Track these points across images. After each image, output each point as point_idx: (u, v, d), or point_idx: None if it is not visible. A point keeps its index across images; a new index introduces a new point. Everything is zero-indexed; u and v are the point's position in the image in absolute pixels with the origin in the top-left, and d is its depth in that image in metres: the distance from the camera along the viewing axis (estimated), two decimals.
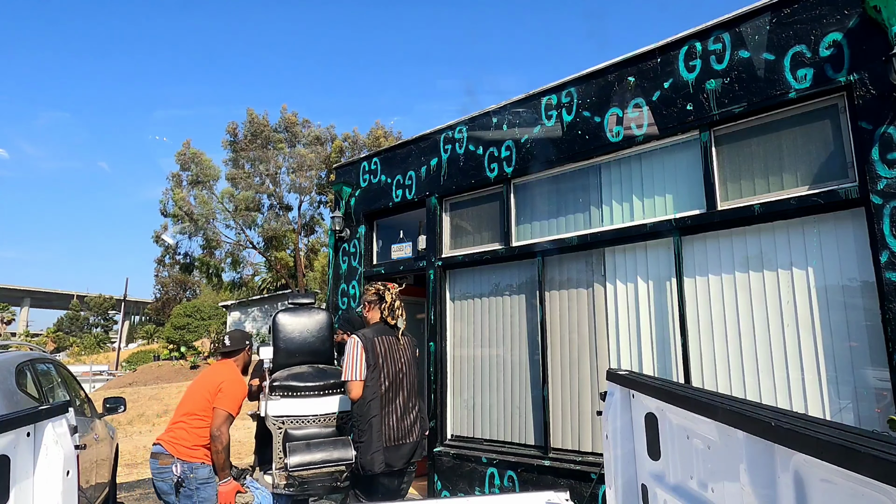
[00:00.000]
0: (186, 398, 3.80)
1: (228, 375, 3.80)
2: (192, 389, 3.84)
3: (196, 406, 3.68)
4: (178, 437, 3.60)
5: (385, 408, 3.59)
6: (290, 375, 4.01)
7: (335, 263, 7.75)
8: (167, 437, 3.65)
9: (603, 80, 5.26)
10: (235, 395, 3.73)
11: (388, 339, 3.75)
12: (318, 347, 4.37)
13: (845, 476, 1.17)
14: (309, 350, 4.33)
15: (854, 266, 3.91)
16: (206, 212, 27.35)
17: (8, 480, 1.94)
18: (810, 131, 4.20)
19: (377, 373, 3.59)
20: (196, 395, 3.73)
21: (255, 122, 28.37)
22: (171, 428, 3.69)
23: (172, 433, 3.64)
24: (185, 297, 45.84)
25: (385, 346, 3.70)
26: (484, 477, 5.60)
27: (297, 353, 4.27)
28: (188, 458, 3.54)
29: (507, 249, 5.87)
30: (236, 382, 3.80)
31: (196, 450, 3.58)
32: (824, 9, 4.03)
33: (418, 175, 6.77)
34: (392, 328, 3.82)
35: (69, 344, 48.84)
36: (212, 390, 3.69)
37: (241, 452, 10.18)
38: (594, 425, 5.08)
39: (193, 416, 3.64)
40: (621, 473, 2.45)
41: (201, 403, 3.68)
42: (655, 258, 4.93)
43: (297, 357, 4.25)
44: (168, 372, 23.52)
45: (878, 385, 3.72)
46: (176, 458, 3.52)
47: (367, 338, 3.66)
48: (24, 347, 5.78)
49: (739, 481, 1.60)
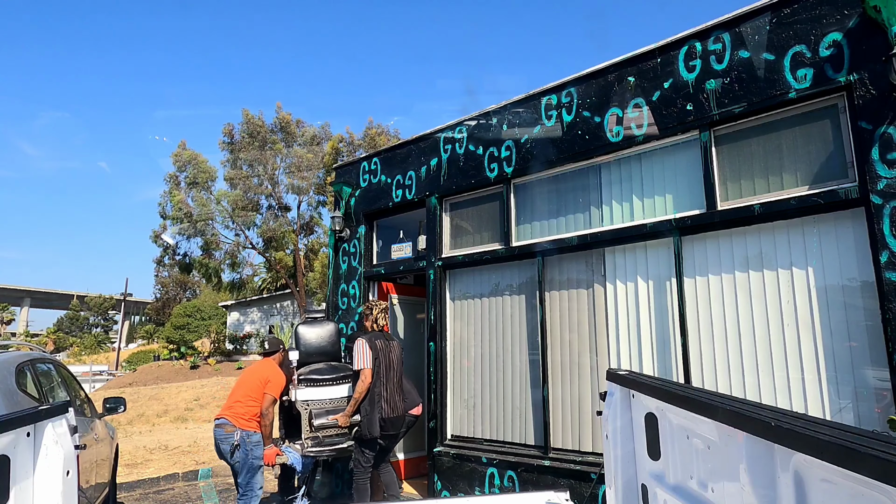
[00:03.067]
0: (241, 385, 5.05)
1: (272, 370, 5.11)
2: (245, 379, 5.10)
3: (250, 390, 4.93)
4: (238, 413, 4.83)
5: (383, 390, 4.97)
6: (311, 370, 5.52)
7: (335, 263, 7.75)
8: (229, 413, 4.84)
9: (603, 80, 5.26)
10: (279, 384, 5.09)
11: (381, 340, 5.16)
12: (329, 349, 5.95)
13: (845, 476, 1.17)
14: (322, 351, 5.91)
15: (854, 266, 3.91)
16: (205, 213, 27.30)
17: (8, 480, 1.94)
18: (810, 131, 4.20)
19: (377, 364, 4.99)
20: (249, 383, 4.99)
21: (251, 122, 28.30)
22: (232, 405, 4.90)
23: (233, 409, 4.85)
24: (185, 297, 45.83)
25: (379, 345, 5.09)
26: (484, 477, 5.60)
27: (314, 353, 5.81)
28: (245, 427, 4.80)
29: (507, 249, 5.87)
30: (278, 375, 5.11)
31: (250, 422, 4.85)
32: (824, 9, 4.03)
33: (418, 175, 6.77)
34: (381, 332, 5.24)
35: (69, 344, 48.82)
36: (261, 380, 4.96)
37: None
38: (594, 425, 5.08)
39: (248, 397, 4.88)
40: (621, 473, 2.45)
41: (253, 389, 4.93)
42: (655, 258, 4.93)
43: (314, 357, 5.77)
44: (168, 372, 23.51)
45: (878, 385, 3.72)
46: (237, 427, 4.77)
47: (369, 338, 5.07)
48: (24, 347, 5.77)
49: (739, 481, 1.60)
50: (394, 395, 5.04)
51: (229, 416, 4.84)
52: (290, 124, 28.87)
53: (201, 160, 28.01)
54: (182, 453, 10.33)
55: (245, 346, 29.49)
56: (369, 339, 5.06)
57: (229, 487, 7.87)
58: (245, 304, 34.82)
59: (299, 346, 5.80)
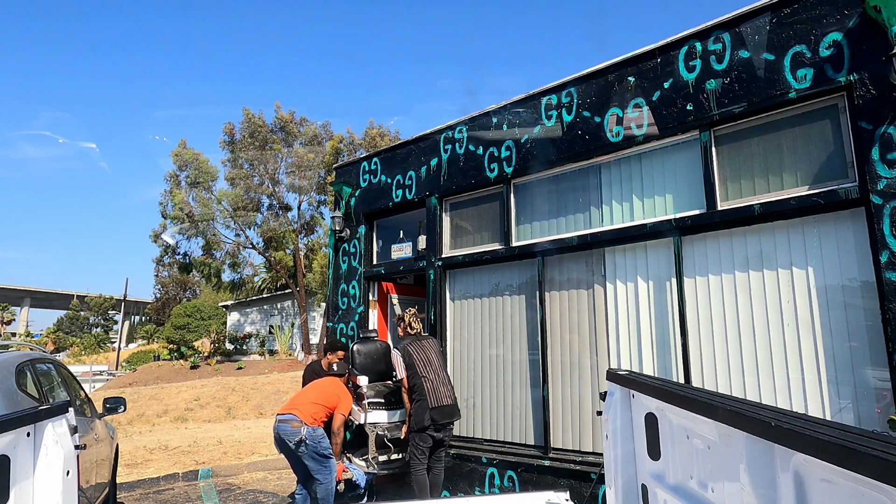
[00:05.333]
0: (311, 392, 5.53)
1: (344, 390, 5.61)
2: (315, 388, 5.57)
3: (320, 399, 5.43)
4: (306, 412, 5.30)
5: (425, 383, 5.35)
6: (376, 393, 6.04)
7: (335, 263, 7.75)
8: (297, 410, 5.28)
9: (603, 80, 5.26)
10: (349, 405, 5.61)
11: (414, 343, 5.56)
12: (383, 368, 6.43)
13: (845, 476, 1.17)
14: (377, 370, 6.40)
15: (854, 266, 3.91)
16: (206, 213, 27.26)
17: (8, 480, 1.94)
18: (810, 131, 4.20)
19: (413, 366, 5.44)
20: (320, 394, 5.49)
21: (252, 121, 28.24)
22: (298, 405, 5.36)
23: (301, 408, 5.31)
24: (185, 297, 45.81)
25: (412, 349, 5.51)
26: (484, 477, 5.60)
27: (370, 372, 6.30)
28: (311, 424, 5.25)
29: (507, 249, 5.87)
30: (348, 396, 5.60)
31: (315, 421, 5.31)
32: (824, 9, 4.03)
33: (418, 175, 6.77)
34: (415, 335, 5.68)
35: (69, 344, 48.81)
36: (334, 396, 5.48)
37: (241, 452, 10.18)
38: (594, 425, 5.08)
39: (318, 405, 5.39)
40: (621, 473, 2.45)
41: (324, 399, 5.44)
42: (655, 258, 4.93)
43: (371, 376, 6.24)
44: (168, 372, 23.50)
45: (878, 385, 3.72)
46: (303, 423, 5.21)
47: (403, 347, 5.55)
48: (24, 347, 5.77)
49: (739, 481, 1.60)
50: (437, 386, 5.37)
51: (298, 413, 5.30)
52: (291, 123, 28.82)
53: (203, 160, 27.97)
54: (182, 453, 10.33)
55: (245, 346, 29.49)
56: (403, 347, 5.54)
57: (229, 487, 7.88)
58: (245, 304, 34.80)
59: (356, 364, 6.30)
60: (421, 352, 5.50)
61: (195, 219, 27.21)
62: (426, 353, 5.51)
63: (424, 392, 5.31)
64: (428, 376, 5.37)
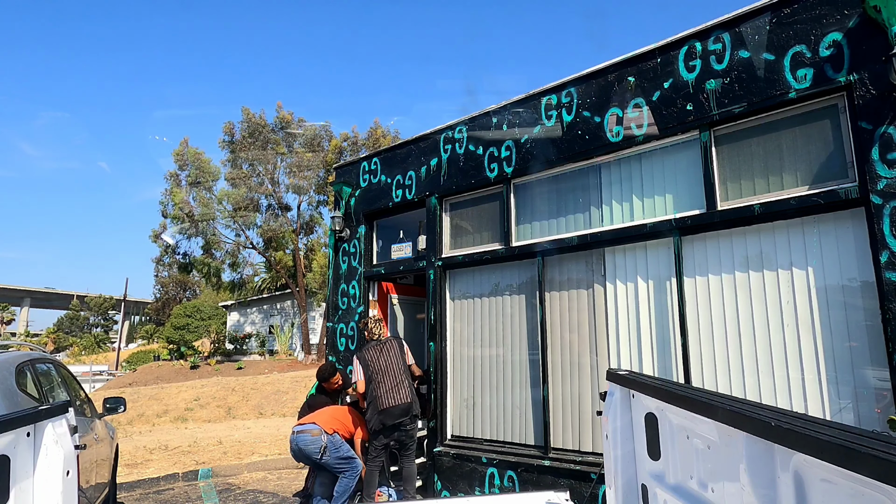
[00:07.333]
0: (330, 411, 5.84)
1: (360, 421, 5.87)
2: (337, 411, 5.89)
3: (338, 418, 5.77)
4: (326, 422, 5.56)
5: (378, 388, 5.49)
6: None
7: (335, 263, 7.75)
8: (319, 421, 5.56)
9: (603, 80, 5.26)
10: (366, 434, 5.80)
11: (372, 350, 5.72)
12: None
13: (845, 476, 1.17)
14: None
15: (854, 266, 3.91)
16: (207, 213, 27.24)
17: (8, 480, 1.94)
18: (810, 131, 4.20)
19: (369, 372, 5.59)
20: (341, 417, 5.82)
21: (252, 121, 28.20)
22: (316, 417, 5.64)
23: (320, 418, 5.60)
24: (185, 297, 45.84)
25: (369, 355, 5.68)
26: (484, 477, 5.60)
27: None
28: (331, 432, 5.50)
29: (507, 249, 5.87)
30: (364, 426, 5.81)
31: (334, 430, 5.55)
32: (824, 9, 4.03)
33: (418, 175, 6.77)
34: (376, 340, 5.84)
35: (69, 344, 48.80)
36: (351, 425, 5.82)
37: (241, 452, 10.18)
38: (594, 425, 5.08)
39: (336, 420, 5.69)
40: (621, 473, 2.45)
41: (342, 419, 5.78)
42: (655, 258, 4.93)
43: None
44: (168, 372, 23.49)
45: (878, 385, 3.72)
46: (323, 430, 5.46)
47: (360, 354, 5.74)
48: (25, 347, 5.77)
49: (739, 481, 1.60)
50: (389, 389, 5.53)
51: (320, 423, 5.53)
52: (291, 123, 28.80)
53: (204, 159, 27.95)
54: (182, 453, 10.33)
55: (245, 346, 29.48)
56: (361, 354, 5.75)
57: (229, 487, 7.88)
58: (245, 304, 34.80)
59: None
60: (378, 356, 5.64)
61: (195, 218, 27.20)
62: (383, 358, 5.65)
63: (375, 396, 5.48)
64: (380, 380, 5.52)
